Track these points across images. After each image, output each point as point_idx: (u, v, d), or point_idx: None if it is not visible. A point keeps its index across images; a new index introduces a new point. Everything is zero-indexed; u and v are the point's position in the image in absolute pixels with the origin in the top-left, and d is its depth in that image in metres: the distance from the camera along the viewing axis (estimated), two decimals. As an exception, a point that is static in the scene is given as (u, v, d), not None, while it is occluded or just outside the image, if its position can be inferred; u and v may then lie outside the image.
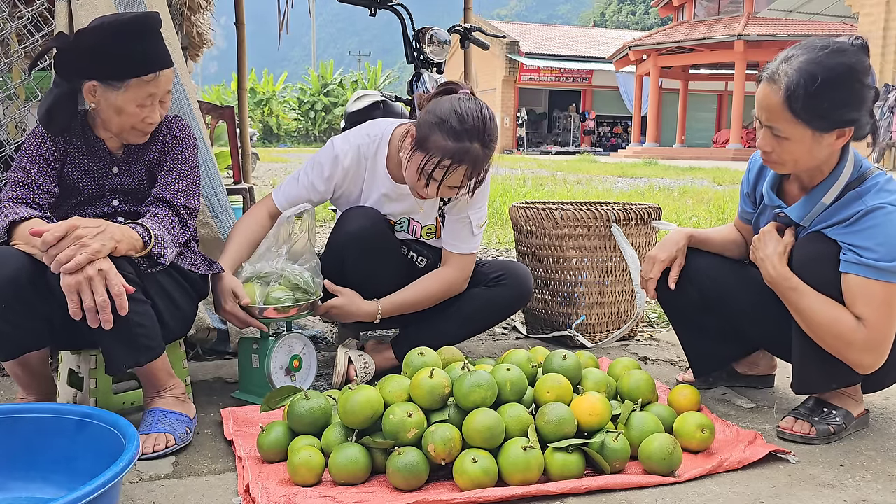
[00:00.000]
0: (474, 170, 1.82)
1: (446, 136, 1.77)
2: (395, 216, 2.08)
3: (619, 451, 1.47)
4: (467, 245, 2.04)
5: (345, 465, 1.40)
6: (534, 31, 33.82)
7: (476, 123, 1.78)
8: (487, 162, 1.85)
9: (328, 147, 2.03)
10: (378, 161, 2.02)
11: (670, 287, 1.87)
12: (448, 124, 1.77)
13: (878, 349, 1.56)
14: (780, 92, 1.51)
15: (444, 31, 3.09)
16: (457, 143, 1.77)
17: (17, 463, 1.36)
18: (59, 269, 1.38)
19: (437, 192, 1.85)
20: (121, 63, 1.58)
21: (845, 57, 1.50)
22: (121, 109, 1.61)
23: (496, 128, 1.85)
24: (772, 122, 1.55)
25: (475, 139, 1.78)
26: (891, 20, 12.82)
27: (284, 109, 37.08)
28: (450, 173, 1.79)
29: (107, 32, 1.58)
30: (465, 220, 2.03)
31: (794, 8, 16.37)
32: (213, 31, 4.96)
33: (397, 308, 2.00)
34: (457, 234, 2.04)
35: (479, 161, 1.81)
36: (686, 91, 25.48)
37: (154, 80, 1.61)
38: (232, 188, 3.53)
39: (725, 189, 9.08)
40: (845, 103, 1.51)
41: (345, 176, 2.01)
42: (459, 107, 1.79)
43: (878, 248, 1.51)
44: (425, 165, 1.80)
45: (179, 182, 1.73)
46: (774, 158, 1.61)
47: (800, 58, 1.51)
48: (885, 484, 1.47)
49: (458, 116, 1.77)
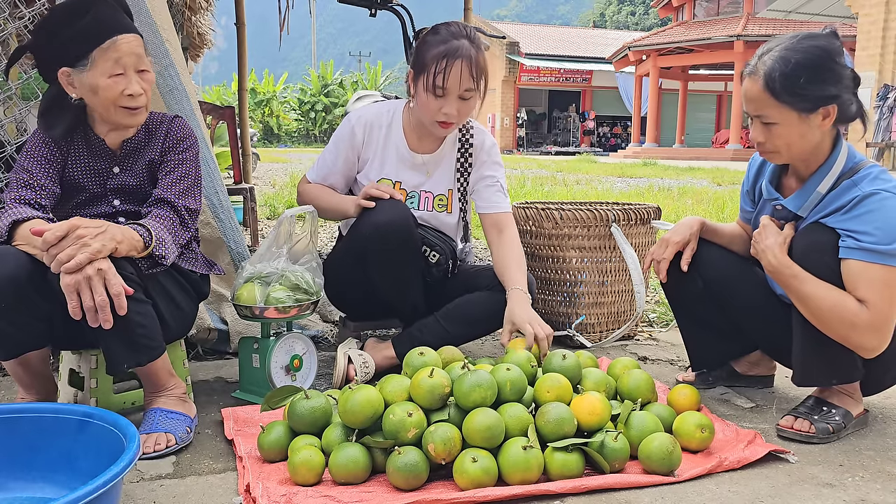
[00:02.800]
0: (473, 65, 1.94)
1: (432, 45, 1.95)
2: (408, 188, 2.13)
3: (619, 450, 1.47)
4: (505, 202, 2.17)
5: (345, 465, 1.41)
6: (534, 31, 33.84)
7: (455, 28, 1.97)
8: (483, 62, 1.98)
9: (345, 122, 2.14)
10: (393, 128, 2.12)
11: (683, 269, 1.87)
12: (429, 36, 1.98)
13: (882, 330, 1.57)
14: (760, 80, 1.60)
15: (444, 32, 3.09)
16: (444, 44, 1.93)
17: (17, 463, 1.36)
18: (60, 269, 1.38)
19: (455, 107, 1.96)
20: (76, 40, 1.59)
21: (816, 40, 1.59)
22: (95, 87, 1.60)
23: (480, 38, 2.01)
24: (759, 111, 1.62)
25: (460, 37, 1.95)
26: (890, 20, 12.83)
27: (285, 110, 37.07)
28: (451, 72, 1.92)
29: (57, 17, 1.60)
30: (494, 181, 2.17)
31: (794, 8, 16.39)
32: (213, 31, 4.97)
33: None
34: (492, 198, 2.16)
35: (473, 55, 1.94)
36: (686, 91, 25.48)
37: (112, 45, 1.59)
38: (232, 188, 3.54)
39: (725, 189, 9.08)
40: (822, 79, 1.57)
41: (362, 143, 2.12)
42: (435, 26, 2.01)
43: (876, 232, 1.53)
44: (427, 80, 1.93)
45: (181, 182, 1.73)
46: (768, 148, 1.66)
47: (775, 49, 1.61)
48: (884, 483, 1.47)
49: (433, 29, 2.00)
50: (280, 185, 9.36)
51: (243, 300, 1.82)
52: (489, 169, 2.17)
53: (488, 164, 2.17)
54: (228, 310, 2.31)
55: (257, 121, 34.48)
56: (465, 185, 2.18)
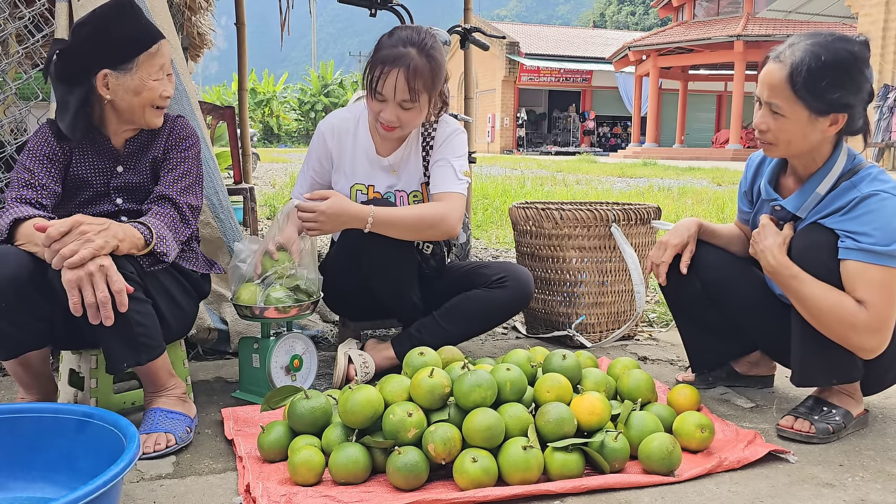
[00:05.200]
0: (414, 75, 1.88)
1: (381, 48, 1.92)
2: (382, 190, 2.10)
3: (619, 450, 1.47)
4: (454, 185, 2.02)
5: (345, 465, 1.41)
6: (533, 31, 33.81)
7: (409, 34, 1.93)
8: (430, 71, 1.92)
9: (316, 131, 2.13)
10: (360, 132, 2.10)
11: (682, 272, 1.87)
12: (384, 38, 1.95)
13: (881, 331, 1.57)
14: (785, 69, 1.57)
15: (444, 32, 3.08)
16: (388, 50, 1.90)
17: (17, 463, 1.36)
18: (62, 264, 1.38)
19: (393, 113, 1.91)
20: (125, 45, 1.63)
21: (850, 45, 1.57)
22: (140, 88, 1.65)
23: (436, 42, 1.96)
24: (772, 98, 1.60)
25: (409, 45, 1.90)
26: (890, 20, 12.83)
27: (285, 110, 37.05)
28: (386, 80, 1.88)
29: (102, 21, 1.62)
30: (446, 163, 2.05)
31: (794, 8, 16.38)
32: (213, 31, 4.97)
33: (389, 220, 1.89)
34: (441, 177, 2.04)
35: (417, 66, 1.89)
36: (686, 91, 25.47)
37: (158, 50, 1.67)
38: (232, 188, 3.54)
39: (725, 189, 9.09)
40: (844, 86, 1.56)
41: (333, 151, 2.10)
42: (395, 28, 1.98)
43: (875, 233, 1.53)
44: (368, 83, 1.91)
45: (182, 180, 1.74)
46: (770, 138, 1.65)
47: (807, 41, 1.59)
48: (884, 483, 1.47)
49: (391, 31, 1.96)
50: (280, 185, 9.36)
51: (243, 300, 1.82)
52: (441, 153, 2.07)
53: (443, 148, 2.08)
54: (228, 310, 2.31)
55: (257, 121, 34.47)
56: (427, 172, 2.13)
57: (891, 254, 1.53)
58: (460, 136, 2.11)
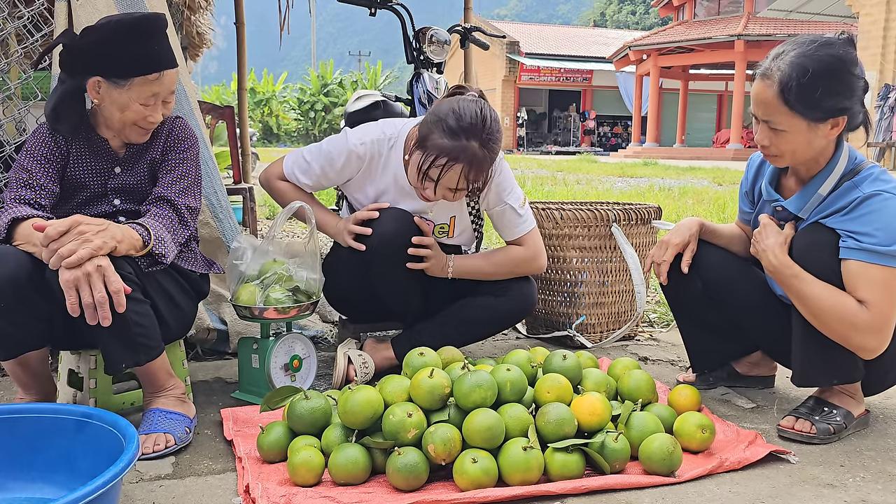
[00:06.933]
0: (473, 169, 1.80)
1: (443, 135, 1.78)
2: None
3: (620, 451, 1.47)
4: (521, 227, 2.08)
5: (345, 466, 1.40)
6: (534, 30, 33.83)
7: (474, 121, 1.78)
8: (489, 162, 1.84)
9: (341, 140, 2.01)
10: (392, 158, 2.00)
11: (683, 271, 1.87)
12: (445, 122, 1.79)
13: (882, 331, 1.57)
14: (774, 86, 1.56)
15: (444, 31, 3.09)
16: (453, 140, 1.77)
17: (17, 463, 1.36)
18: (60, 264, 1.38)
19: (434, 192, 1.84)
20: (126, 61, 1.60)
21: (833, 49, 1.56)
22: (124, 107, 1.63)
23: (498, 128, 1.84)
24: (768, 116, 1.60)
25: (472, 137, 1.78)
26: (891, 20, 12.82)
27: (284, 109, 37.08)
28: (446, 171, 1.79)
29: (114, 30, 1.60)
30: (506, 207, 2.06)
31: (794, 8, 16.38)
32: (213, 31, 4.97)
33: (467, 271, 2.05)
34: (507, 224, 2.08)
35: (477, 160, 1.79)
36: (686, 91, 25.47)
37: (158, 79, 1.63)
38: (232, 188, 3.53)
39: (725, 189, 9.08)
40: (837, 92, 1.55)
41: (357, 170, 2.02)
42: (458, 106, 1.80)
43: (877, 233, 1.53)
44: (423, 164, 1.81)
45: (181, 181, 1.74)
46: (773, 152, 1.65)
47: (790, 53, 1.57)
48: (885, 484, 1.47)
49: (455, 115, 1.79)
50: (280, 184, 9.34)
51: (243, 301, 1.82)
52: (494, 200, 2.05)
53: (492, 195, 2.04)
54: (228, 310, 2.31)
55: (257, 120, 34.50)
56: (475, 207, 2.10)
57: (892, 254, 1.53)
58: (503, 174, 2.03)
